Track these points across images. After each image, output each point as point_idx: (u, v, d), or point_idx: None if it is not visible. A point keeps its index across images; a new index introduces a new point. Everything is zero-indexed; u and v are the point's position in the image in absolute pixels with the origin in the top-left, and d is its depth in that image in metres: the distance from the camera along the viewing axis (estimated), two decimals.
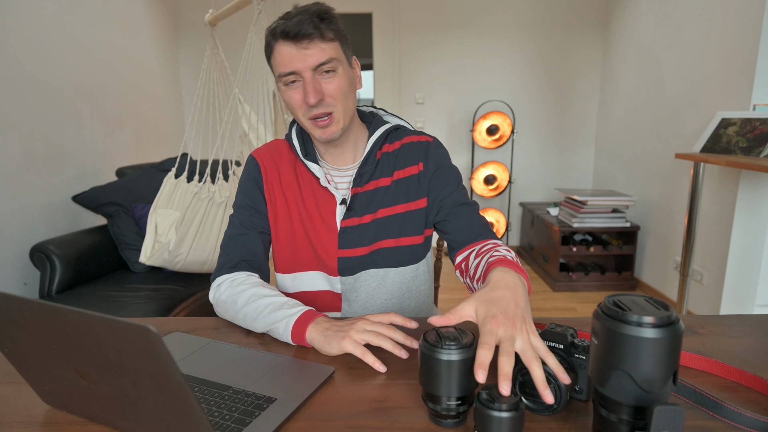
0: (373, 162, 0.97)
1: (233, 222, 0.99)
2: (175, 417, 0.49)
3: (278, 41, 0.86)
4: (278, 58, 0.87)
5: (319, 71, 0.86)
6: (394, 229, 0.96)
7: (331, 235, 0.96)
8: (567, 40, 3.65)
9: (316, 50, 0.85)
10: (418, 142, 1.00)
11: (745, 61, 2.17)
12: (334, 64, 0.87)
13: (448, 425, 0.59)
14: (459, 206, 0.96)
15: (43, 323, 0.49)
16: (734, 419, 0.57)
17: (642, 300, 0.52)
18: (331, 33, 0.86)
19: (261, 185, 0.99)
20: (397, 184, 0.98)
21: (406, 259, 0.98)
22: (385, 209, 0.96)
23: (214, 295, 0.93)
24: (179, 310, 1.93)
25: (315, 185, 0.98)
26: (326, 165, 1.00)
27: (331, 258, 0.96)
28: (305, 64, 0.85)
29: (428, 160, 0.98)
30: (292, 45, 0.84)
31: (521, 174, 3.87)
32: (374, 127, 1.00)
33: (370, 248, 0.96)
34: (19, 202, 2.08)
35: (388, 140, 1.01)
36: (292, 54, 0.85)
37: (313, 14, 0.85)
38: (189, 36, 3.68)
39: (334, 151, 0.98)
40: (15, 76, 2.06)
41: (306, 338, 0.78)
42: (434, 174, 0.98)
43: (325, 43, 0.85)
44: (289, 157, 1.01)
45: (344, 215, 0.96)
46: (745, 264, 2.27)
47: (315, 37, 0.84)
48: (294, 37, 0.84)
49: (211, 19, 2.27)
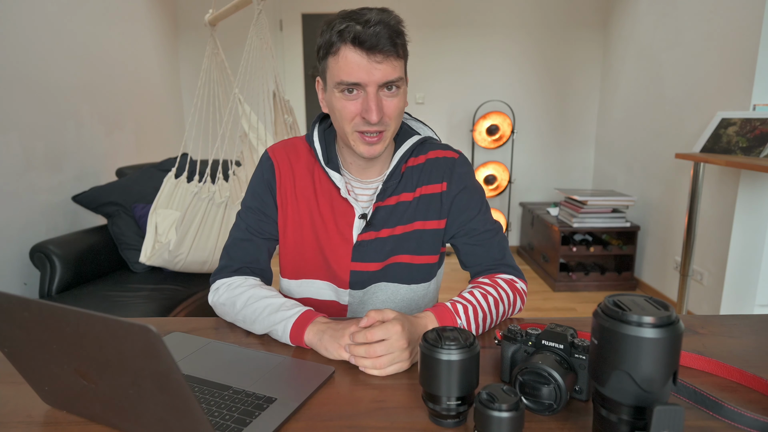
0: (398, 176, 0.93)
1: (239, 224, 0.96)
2: (175, 417, 0.49)
3: (347, 45, 0.79)
4: (343, 65, 0.80)
5: (383, 88, 0.82)
6: (411, 246, 0.93)
7: (345, 248, 0.92)
8: (567, 40, 3.65)
9: (389, 67, 0.80)
10: (443, 159, 0.96)
11: (745, 61, 2.17)
12: (400, 83, 0.83)
13: (448, 425, 0.59)
14: (480, 234, 0.94)
15: (43, 323, 0.49)
16: (734, 419, 0.57)
17: (642, 300, 0.52)
18: (403, 51, 0.83)
19: (273, 188, 0.95)
20: (419, 201, 0.94)
21: (419, 277, 0.95)
22: (403, 226, 0.93)
23: (213, 299, 0.92)
24: (179, 310, 1.93)
25: (334, 195, 0.93)
26: (348, 175, 0.96)
27: (344, 270, 0.93)
28: (373, 78, 0.79)
29: (452, 181, 0.94)
30: (363, 55, 0.78)
31: (521, 174, 3.87)
32: (401, 139, 0.95)
33: (384, 263, 0.93)
34: (19, 202, 2.08)
35: (414, 153, 0.96)
36: (361, 65, 0.79)
37: (391, 29, 0.79)
38: (189, 36, 3.68)
39: (364, 164, 0.93)
40: (15, 76, 2.06)
41: (304, 340, 0.78)
42: (457, 196, 0.94)
43: (397, 61, 0.81)
44: (308, 161, 0.96)
45: (363, 229, 0.92)
46: (745, 264, 2.27)
47: (390, 54, 0.79)
48: (369, 48, 0.78)
49: (211, 19, 2.27)
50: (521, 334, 0.66)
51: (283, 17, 3.65)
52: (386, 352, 0.70)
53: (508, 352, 0.67)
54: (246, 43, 2.05)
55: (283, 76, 3.69)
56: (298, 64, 3.71)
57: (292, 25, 3.66)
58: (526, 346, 0.65)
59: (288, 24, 3.66)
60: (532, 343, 0.64)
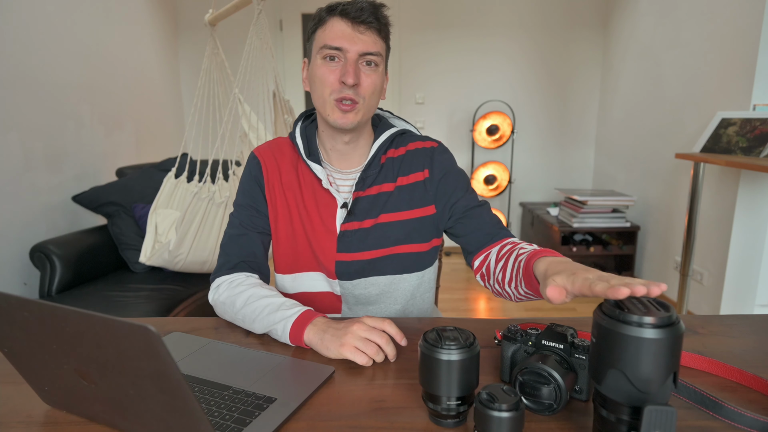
0: (377, 166, 0.96)
1: (233, 221, 0.98)
2: (175, 417, 0.49)
3: (334, 16, 0.87)
4: (328, 31, 0.87)
5: (363, 60, 0.87)
6: (398, 236, 0.95)
7: (330, 238, 0.95)
8: (567, 39, 3.65)
9: (370, 39, 0.86)
10: (423, 149, 0.99)
11: (745, 61, 2.17)
12: (378, 60, 0.88)
13: (448, 425, 0.59)
14: (470, 209, 0.95)
15: (43, 323, 0.49)
16: (734, 419, 0.57)
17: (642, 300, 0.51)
18: (384, 32, 0.90)
19: (262, 184, 0.98)
20: (401, 191, 0.96)
21: (411, 267, 0.97)
22: (387, 215, 0.95)
23: (213, 297, 0.93)
24: (179, 310, 1.93)
25: (316, 186, 0.97)
26: (329, 167, 0.99)
27: (330, 261, 0.95)
28: (355, 45, 0.85)
29: (434, 167, 0.97)
30: (348, 24, 0.86)
31: (521, 174, 3.87)
32: (380, 131, 0.98)
33: (371, 254, 0.94)
34: (19, 202, 2.08)
35: (393, 145, 1.00)
36: (345, 32, 0.85)
37: (376, 8, 0.88)
38: (189, 36, 3.68)
39: (343, 149, 0.96)
40: (15, 76, 2.06)
41: (304, 340, 0.78)
42: (441, 180, 0.96)
43: (378, 37, 0.88)
44: (292, 156, 1.00)
45: (345, 219, 0.95)
46: (745, 264, 2.27)
47: (373, 27, 0.87)
48: (354, 18, 0.85)
49: (211, 19, 2.27)
50: (521, 334, 0.66)
51: (283, 17, 3.65)
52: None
53: (508, 352, 0.67)
54: (246, 43, 2.05)
55: (283, 76, 3.69)
56: (298, 64, 3.71)
57: (292, 25, 3.67)
58: (526, 346, 0.65)
59: (288, 24, 3.66)
60: (532, 343, 0.64)
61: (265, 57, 2.11)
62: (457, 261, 3.73)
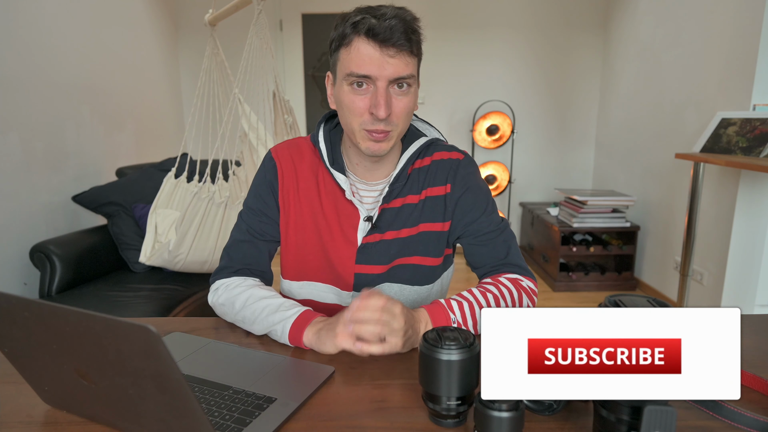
0: (404, 178, 0.92)
1: (240, 225, 0.95)
2: (175, 417, 0.49)
3: (360, 37, 0.77)
4: (354, 56, 0.78)
5: (394, 84, 0.80)
6: (415, 248, 0.92)
7: (349, 250, 0.91)
8: (567, 39, 3.65)
9: (401, 63, 0.78)
10: (448, 160, 0.94)
11: (745, 61, 2.17)
12: (411, 81, 0.81)
13: (448, 425, 0.59)
14: (482, 235, 0.92)
15: (43, 323, 0.49)
16: (734, 419, 0.57)
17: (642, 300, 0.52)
18: (417, 48, 0.81)
19: (276, 190, 0.93)
20: (425, 203, 0.92)
21: (423, 279, 0.94)
22: (409, 229, 0.92)
23: (212, 299, 0.92)
24: (179, 310, 1.93)
25: (338, 196, 0.92)
26: (353, 177, 0.94)
27: (348, 273, 0.91)
28: (384, 72, 0.77)
29: (456, 182, 0.93)
30: (376, 47, 0.77)
31: (521, 174, 3.87)
32: (408, 141, 0.94)
33: (389, 266, 0.92)
34: (19, 202, 2.08)
35: (421, 155, 0.95)
36: (373, 57, 0.77)
37: (407, 24, 0.78)
38: (189, 36, 3.68)
39: (370, 165, 0.92)
40: (15, 76, 2.06)
41: (303, 341, 0.78)
42: (460, 198, 0.93)
43: (410, 58, 0.80)
44: (312, 161, 0.94)
45: (368, 232, 0.91)
46: (745, 264, 2.27)
47: (404, 49, 0.78)
48: (382, 41, 0.76)
49: (211, 19, 2.27)
50: None
51: (283, 17, 3.65)
52: (388, 319, 0.71)
53: None
54: (246, 43, 2.04)
55: (283, 76, 3.69)
56: (298, 64, 3.71)
57: (292, 25, 3.66)
58: None
59: (288, 24, 3.66)
60: None
61: (265, 57, 2.11)
62: (457, 261, 3.71)
